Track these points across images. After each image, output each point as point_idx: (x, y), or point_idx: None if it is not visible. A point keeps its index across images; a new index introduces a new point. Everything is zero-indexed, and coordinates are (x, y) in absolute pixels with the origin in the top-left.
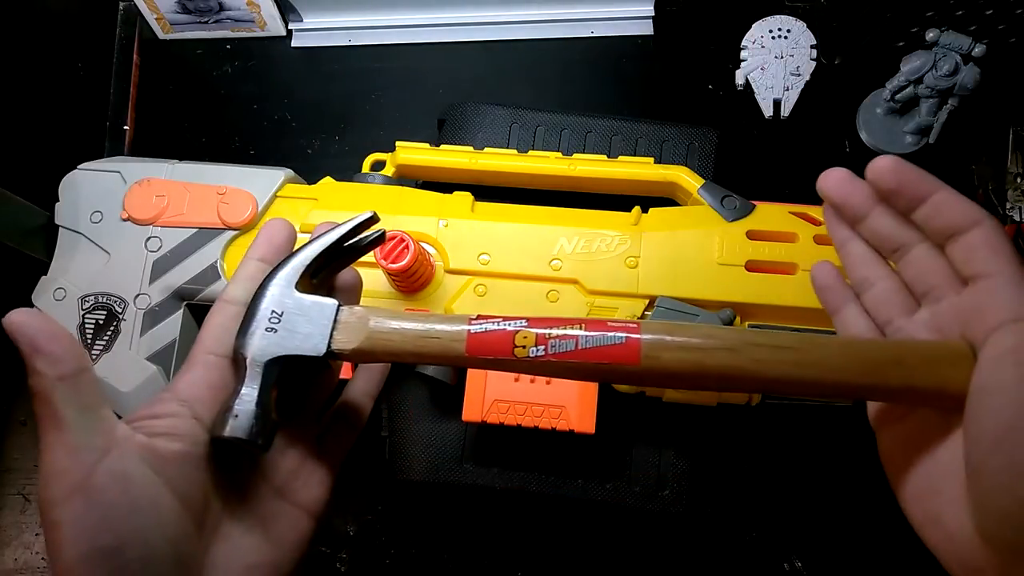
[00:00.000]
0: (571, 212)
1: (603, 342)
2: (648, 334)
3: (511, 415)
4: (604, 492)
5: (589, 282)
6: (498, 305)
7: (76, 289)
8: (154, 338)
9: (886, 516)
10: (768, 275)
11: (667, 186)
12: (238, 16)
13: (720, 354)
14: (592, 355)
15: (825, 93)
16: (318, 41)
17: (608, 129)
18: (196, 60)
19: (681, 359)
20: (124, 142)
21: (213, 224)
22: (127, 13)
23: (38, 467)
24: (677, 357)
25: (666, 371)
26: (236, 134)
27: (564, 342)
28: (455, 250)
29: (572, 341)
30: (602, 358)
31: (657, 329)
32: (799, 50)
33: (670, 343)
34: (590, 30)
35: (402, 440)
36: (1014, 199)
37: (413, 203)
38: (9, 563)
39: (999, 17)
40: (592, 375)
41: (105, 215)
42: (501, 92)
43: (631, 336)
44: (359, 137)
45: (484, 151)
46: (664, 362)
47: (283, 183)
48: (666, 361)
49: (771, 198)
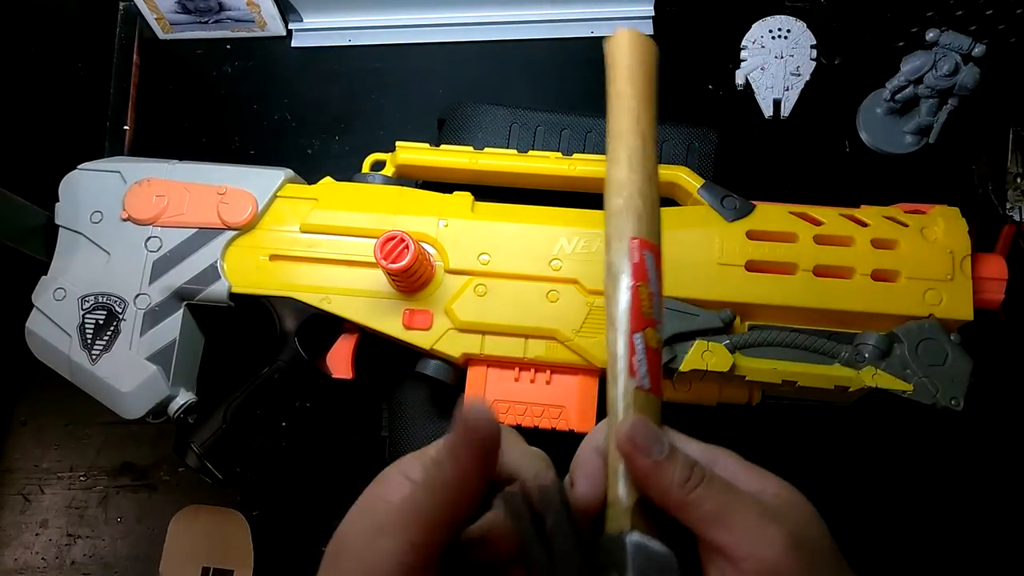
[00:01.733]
0: (571, 212)
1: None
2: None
3: (511, 415)
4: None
5: (589, 282)
6: (498, 305)
7: (76, 289)
8: (154, 338)
9: (886, 516)
10: (768, 275)
11: (667, 186)
12: (238, 16)
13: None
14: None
15: (825, 93)
16: (318, 41)
17: None
18: (196, 60)
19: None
20: (124, 142)
21: (213, 224)
22: (127, 13)
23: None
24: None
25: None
26: (236, 134)
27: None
28: (455, 250)
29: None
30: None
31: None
32: (799, 50)
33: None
34: (590, 30)
35: (402, 440)
36: (1014, 199)
37: (413, 203)
38: (9, 563)
39: (999, 17)
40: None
41: (105, 215)
42: (501, 92)
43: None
44: (359, 137)
45: (484, 151)
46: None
47: (283, 183)
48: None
49: (771, 198)
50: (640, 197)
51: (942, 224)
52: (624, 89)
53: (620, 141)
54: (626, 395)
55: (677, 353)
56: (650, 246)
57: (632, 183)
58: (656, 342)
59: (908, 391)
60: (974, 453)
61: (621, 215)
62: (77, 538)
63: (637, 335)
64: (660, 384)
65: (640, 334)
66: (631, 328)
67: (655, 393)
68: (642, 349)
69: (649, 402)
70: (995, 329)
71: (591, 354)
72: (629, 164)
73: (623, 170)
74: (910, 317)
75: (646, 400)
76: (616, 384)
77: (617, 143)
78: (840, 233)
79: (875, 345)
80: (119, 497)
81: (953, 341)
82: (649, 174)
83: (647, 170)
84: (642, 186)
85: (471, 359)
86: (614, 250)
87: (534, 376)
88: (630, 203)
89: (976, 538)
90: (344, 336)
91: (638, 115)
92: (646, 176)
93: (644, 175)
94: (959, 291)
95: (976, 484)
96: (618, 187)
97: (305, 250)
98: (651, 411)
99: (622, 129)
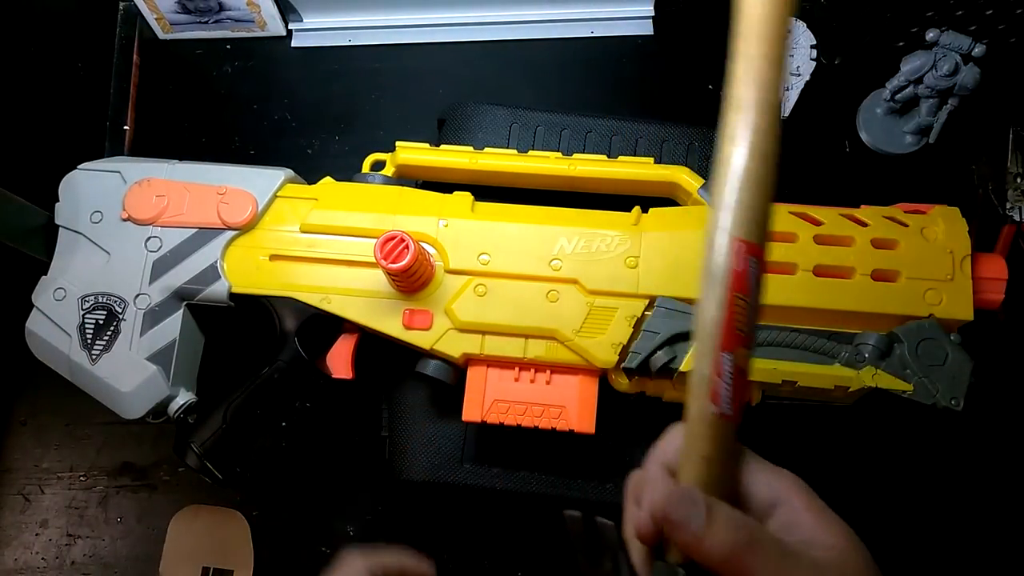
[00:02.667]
0: (571, 212)
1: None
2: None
3: (511, 415)
4: (604, 492)
5: (589, 282)
6: (498, 305)
7: (76, 289)
8: (154, 338)
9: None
10: (768, 275)
11: (667, 186)
12: (238, 16)
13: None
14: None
15: (825, 93)
16: (318, 41)
17: (608, 129)
18: (196, 60)
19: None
20: (124, 142)
21: (213, 224)
22: (127, 13)
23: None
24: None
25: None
26: (236, 134)
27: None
28: (455, 250)
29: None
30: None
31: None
32: (799, 50)
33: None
34: (590, 30)
35: (402, 440)
36: (1014, 199)
37: (413, 203)
38: (9, 563)
39: (999, 17)
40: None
41: (105, 215)
42: (501, 92)
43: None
44: (359, 137)
45: (484, 151)
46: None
47: (283, 183)
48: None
49: None
50: (754, 188)
51: (942, 224)
52: (753, 49)
53: (739, 115)
54: (703, 421)
55: (677, 353)
56: (756, 251)
57: (748, 172)
58: (746, 363)
59: (908, 391)
60: (974, 453)
61: (728, 210)
62: (77, 538)
63: (727, 355)
64: (742, 408)
65: (730, 354)
66: (721, 345)
67: (735, 420)
68: (729, 372)
69: (727, 430)
70: (995, 329)
71: (591, 354)
72: (750, 151)
73: (740, 155)
74: (910, 317)
75: (724, 429)
76: (694, 404)
77: (735, 117)
78: (840, 233)
79: (875, 345)
80: (119, 497)
81: (953, 341)
82: (767, 159)
83: (766, 157)
84: (758, 173)
85: (471, 359)
86: (716, 249)
87: (534, 376)
88: (741, 196)
89: (976, 538)
90: (344, 336)
91: (768, 82)
92: (765, 165)
93: (763, 163)
94: (959, 291)
95: (976, 484)
96: (729, 174)
97: (305, 250)
98: (727, 439)
99: (742, 99)
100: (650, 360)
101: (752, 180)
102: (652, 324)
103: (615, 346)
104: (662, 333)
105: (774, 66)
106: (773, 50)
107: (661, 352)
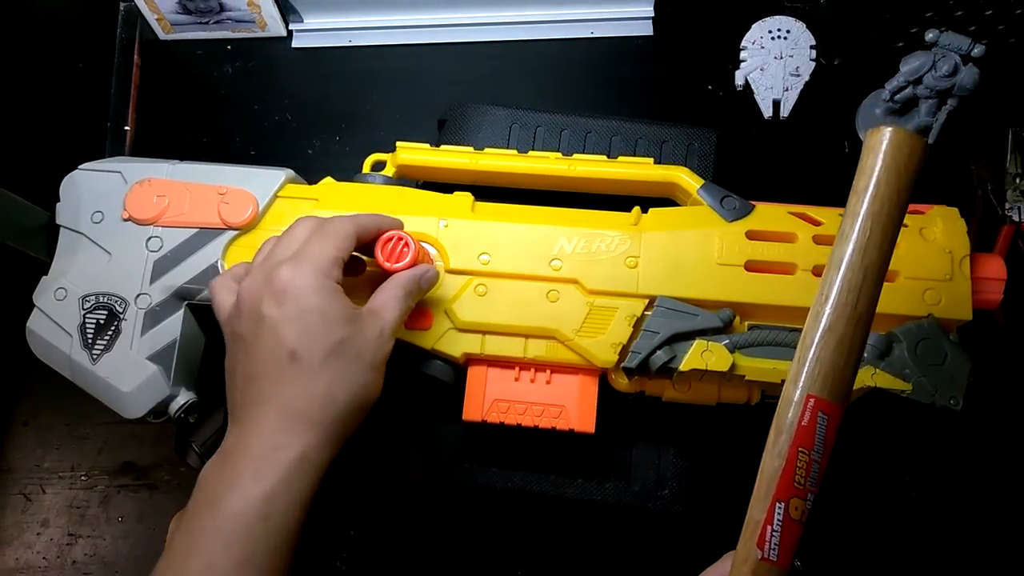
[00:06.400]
0: (571, 212)
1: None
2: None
3: (511, 415)
4: (604, 492)
5: (589, 282)
6: (498, 305)
7: (77, 289)
8: (155, 338)
9: (885, 516)
10: (768, 275)
11: (667, 186)
12: (239, 17)
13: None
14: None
15: (825, 93)
16: (318, 42)
17: (608, 130)
18: (197, 61)
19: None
20: (125, 142)
21: (214, 224)
22: (128, 13)
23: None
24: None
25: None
26: (236, 134)
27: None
28: (455, 250)
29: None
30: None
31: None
32: (799, 50)
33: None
34: (590, 31)
35: (402, 440)
36: (1013, 199)
37: (413, 203)
38: (10, 563)
39: (999, 17)
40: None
41: (106, 215)
42: (501, 92)
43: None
44: (359, 137)
45: (484, 151)
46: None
47: (284, 183)
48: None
49: (771, 198)
50: (836, 344)
51: (941, 224)
52: (869, 206)
53: (835, 271)
54: (746, 562)
55: (677, 353)
56: (829, 407)
57: (832, 322)
58: (800, 514)
59: (907, 391)
60: (973, 453)
61: (804, 363)
62: (78, 538)
63: (780, 504)
64: (791, 556)
65: (783, 504)
66: (775, 495)
67: (782, 565)
68: (780, 520)
69: (770, 574)
70: (994, 329)
71: (591, 354)
72: (835, 300)
73: (828, 303)
74: (909, 317)
75: (767, 573)
76: (742, 545)
77: (833, 275)
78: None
79: (874, 345)
80: (120, 497)
81: (952, 341)
82: (860, 318)
83: (859, 312)
84: (843, 333)
85: (471, 359)
86: (786, 398)
87: (534, 376)
88: (821, 351)
89: (976, 538)
90: None
91: (875, 241)
92: (855, 321)
93: (851, 319)
94: (958, 291)
95: (976, 484)
96: (816, 322)
97: None
98: None
99: (843, 254)
100: (650, 360)
101: (835, 340)
102: (652, 324)
103: (615, 346)
104: (662, 333)
105: (885, 225)
106: (886, 209)
107: (661, 352)
